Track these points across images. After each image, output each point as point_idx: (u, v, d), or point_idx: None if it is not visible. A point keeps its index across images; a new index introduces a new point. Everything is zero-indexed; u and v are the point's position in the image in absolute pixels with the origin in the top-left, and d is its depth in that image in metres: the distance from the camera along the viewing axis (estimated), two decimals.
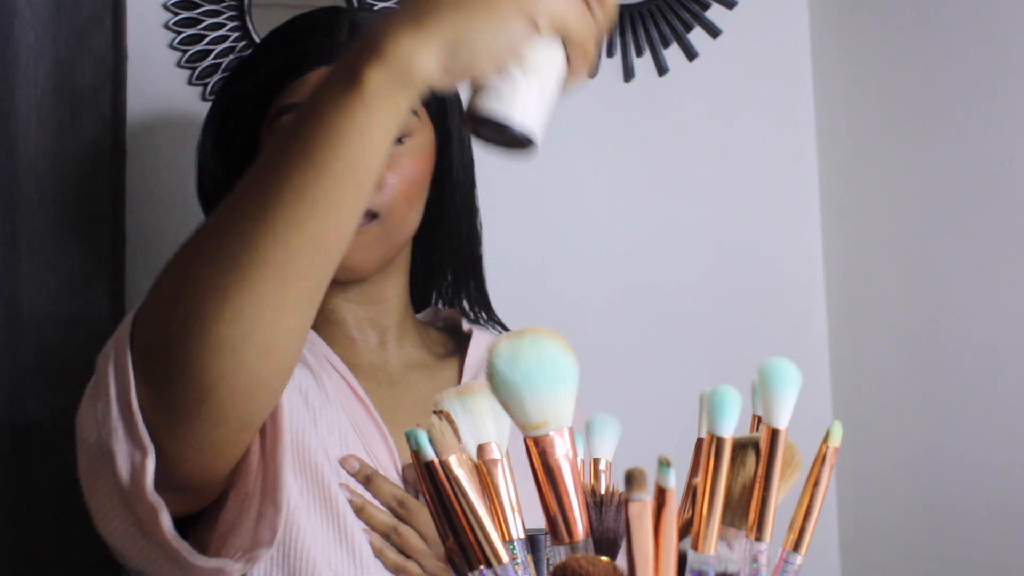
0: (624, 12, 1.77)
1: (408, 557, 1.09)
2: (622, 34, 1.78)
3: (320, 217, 0.80)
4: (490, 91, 0.80)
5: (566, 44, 0.82)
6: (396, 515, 1.10)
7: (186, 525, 0.98)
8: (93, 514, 0.96)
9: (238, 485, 0.98)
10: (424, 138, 1.19)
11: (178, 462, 0.89)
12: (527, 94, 0.81)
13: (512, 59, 0.80)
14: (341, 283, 1.17)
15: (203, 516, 1.01)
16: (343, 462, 1.10)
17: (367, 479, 1.10)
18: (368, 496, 1.10)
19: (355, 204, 0.81)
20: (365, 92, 0.77)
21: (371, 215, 1.14)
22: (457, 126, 1.23)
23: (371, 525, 1.09)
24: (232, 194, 0.83)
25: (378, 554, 1.09)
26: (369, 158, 0.80)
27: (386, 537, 1.09)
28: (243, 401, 0.85)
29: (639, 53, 1.79)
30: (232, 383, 0.83)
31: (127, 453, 0.88)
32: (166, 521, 0.90)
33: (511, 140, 0.82)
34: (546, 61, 0.81)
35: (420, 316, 1.31)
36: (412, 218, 1.19)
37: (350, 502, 1.09)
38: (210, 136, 1.22)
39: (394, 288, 1.23)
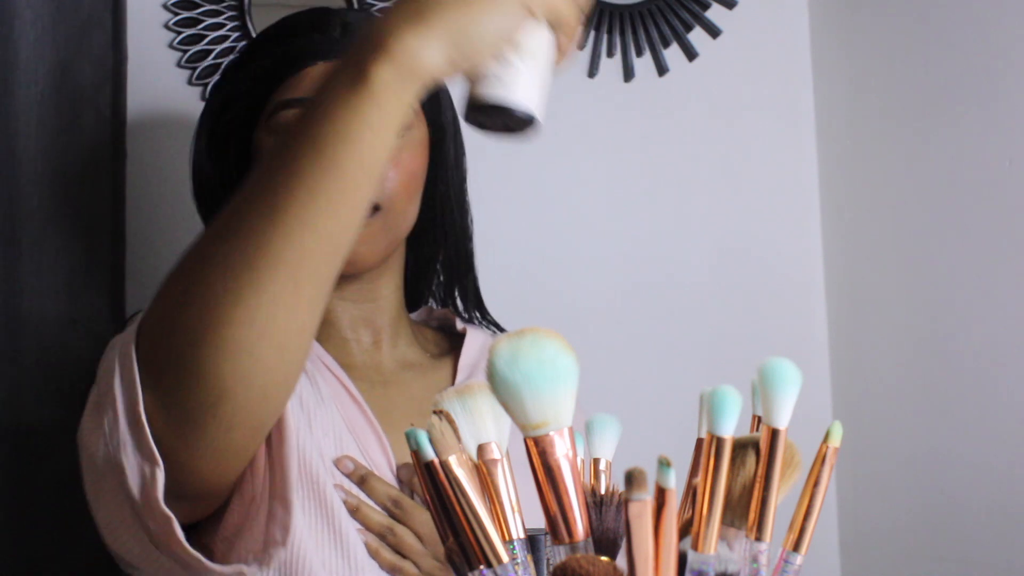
0: (624, 12, 1.78)
1: (404, 557, 1.09)
2: (622, 34, 1.78)
3: (332, 213, 0.80)
4: (490, 78, 0.83)
5: (554, 27, 0.85)
6: (391, 515, 1.10)
7: (187, 531, 0.98)
8: (101, 528, 0.96)
9: (243, 488, 0.98)
10: (420, 132, 1.19)
11: (190, 471, 0.89)
12: (526, 77, 0.84)
13: (510, 46, 0.82)
14: (341, 279, 1.17)
15: (204, 522, 1.01)
16: (337, 463, 1.10)
17: (362, 479, 1.10)
18: (363, 496, 1.10)
19: (364, 198, 0.82)
20: (374, 88, 0.79)
21: (374, 208, 1.14)
22: (450, 121, 1.24)
23: (366, 526, 1.09)
24: (239, 196, 0.83)
25: (374, 554, 1.08)
26: (378, 152, 0.81)
27: (382, 537, 1.09)
28: (258, 402, 0.85)
29: (639, 53, 1.79)
30: (248, 385, 0.83)
31: (137, 466, 0.88)
32: (179, 532, 0.90)
33: (514, 124, 0.85)
34: (538, 44, 0.84)
35: (414, 316, 1.31)
36: (411, 212, 1.19)
37: (345, 503, 1.09)
38: (203, 137, 1.22)
39: (388, 286, 1.23)
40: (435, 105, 1.22)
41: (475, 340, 1.27)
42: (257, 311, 0.80)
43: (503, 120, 0.84)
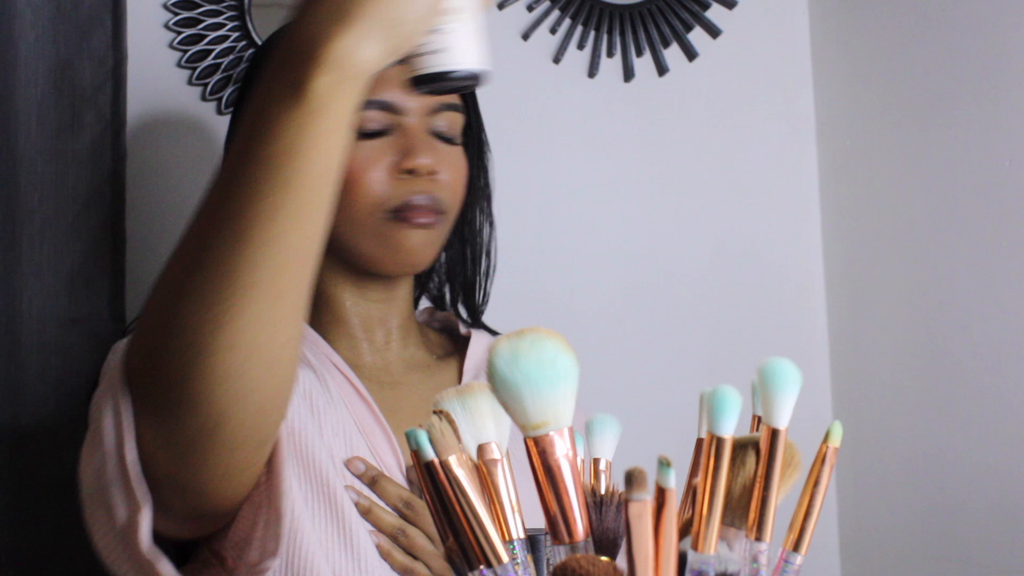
0: (624, 12, 1.78)
1: (415, 558, 1.09)
2: (622, 34, 1.78)
3: (297, 227, 0.78)
4: (424, 50, 0.82)
5: None
6: (403, 516, 1.10)
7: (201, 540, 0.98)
8: (98, 553, 0.95)
9: (252, 494, 0.98)
10: (459, 143, 1.21)
11: (201, 493, 0.88)
12: (459, 37, 0.82)
13: (437, 14, 0.80)
14: (368, 279, 1.17)
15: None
16: (348, 464, 1.10)
17: (373, 480, 1.10)
18: (374, 498, 1.10)
19: (325, 206, 0.80)
20: (315, 101, 0.75)
21: (439, 211, 1.16)
22: (485, 136, 1.25)
23: (378, 527, 1.09)
24: (198, 223, 0.82)
25: (385, 556, 1.08)
26: (332, 158, 0.78)
27: (393, 539, 1.09)
28: (256, 419, 0.85)
29: (639, 53, 1.79)
30: (243, 406, 0.82)
31: (123, 508, 0.88)
32: (165, 569, 0.89)
33: (460, 84, 0.84)
34: (460, 7, 0.83)
35: (416, 317, 1.31)
36: (456, 216, 1.21)
37: (356, 504, 1.08)
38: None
39: (405, 287, 1.23)
40: (472, 122, 1.23)
41: (481, 342, 1.27)
42: (239, 336, 0.79)
43: (448, 84, 0.83)
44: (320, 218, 0.80)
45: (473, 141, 1.25)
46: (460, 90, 0.86)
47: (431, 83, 0.83)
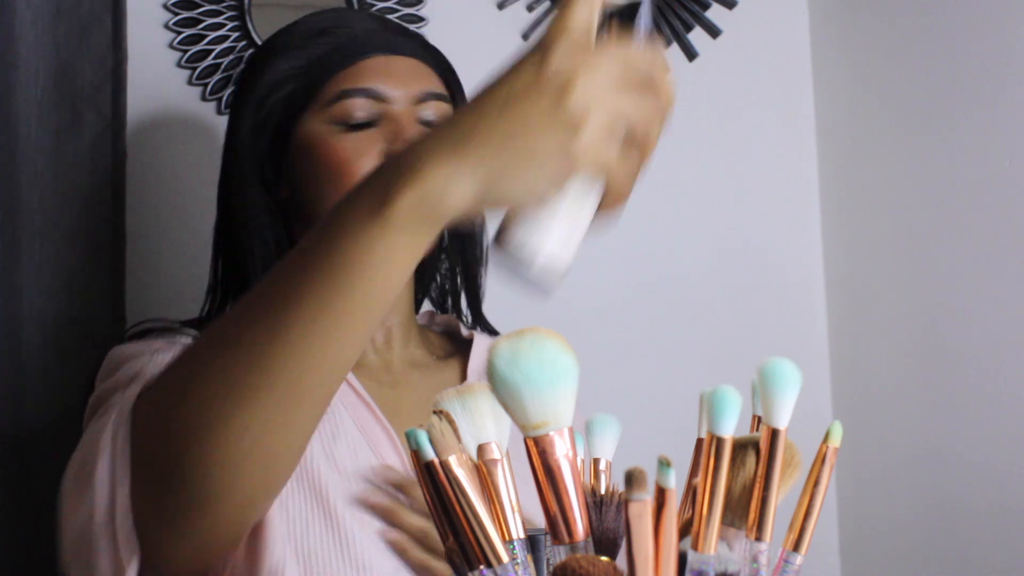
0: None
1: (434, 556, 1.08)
2: None
3: (331, 343, 0.75)
4: (519, 224, 0.74)
5: (604, 184, 0.76)
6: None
7: None
8: None
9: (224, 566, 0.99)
10: None
11: (173, 556, 0.89)
12: (556, 234, 0.75)
13: (546, 197, 0.74)
14: None
15: None
16: (379, 471, 1.09)
17: (400, 486, 1.09)
18: (401, 499, 1.09)
19: (366, 333, 0.77)
20: (394, 215, 0.72)
21: None
22: None
23: (405, 528, 1.07)
24: (244, 301, 0.80)
25: (402, 552, 1.07)
26: (388, 288, 0.75)
27: (419, 540, 1.07)
28: (242, 509, 0.85)
29: None
30: (232, 494, 0.82)
31: (107, 562, 0.88)
32: None
33: (530, 277, 0.76)
34: (579, 200, 0.76)
35: (417, 319, 1.31)
36: None
37: (378, 507, 1.08)
38: (244, 120, 1.19)
39: (407, 287, 1.23)
40: None
41: (483, 343, 1.27)
42: (246, 431, 0.78)
43: (518, 269, 0.75)
44: (353, 346, 0.77)
45: None
46: (527, 281, 0.77)
47: (504, 253, 0.75)
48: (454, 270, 1.32)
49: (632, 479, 0.62)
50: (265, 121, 1.18)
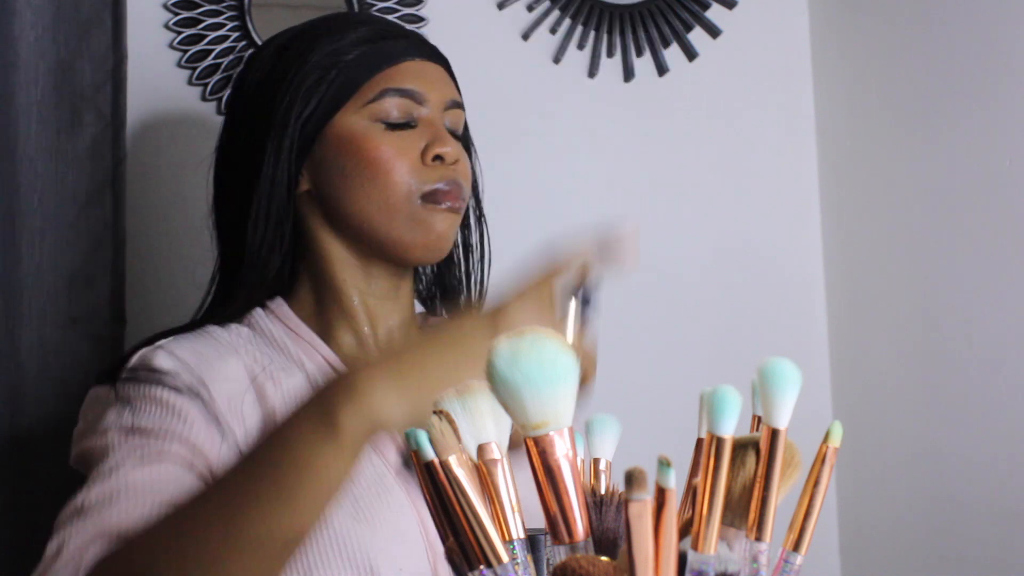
0: (624, 12, 1.77)
1: None
2: (622, 34, 1.78)
3: (279, 534, 0.84)
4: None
5: None
6: None
7: None
8: None
9: None
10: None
11: None
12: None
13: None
14: (379, 272, 1.18)
15: None
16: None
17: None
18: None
19: (311, 524, 0.85)
20: (340, 435, 0.83)
21: (463, 197, 1.18)
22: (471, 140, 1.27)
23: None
24: (201, 495, 0.88)
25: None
26: (331, 486, 0.84)
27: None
28: None
29: (639, 53, 1.79)
30: None
31: None
32: None
33: None
34: None
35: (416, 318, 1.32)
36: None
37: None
38: (258, 123, 1.18)
39: (408, 285, 1.24)
40: (466, 122, 1.25)
41: None
42: None
43: None
44: (299, 535, 0.85)
45: (467, 139, 1.26)
46: None
47: None
48: (449, 266, 1.32)
49: (632, 479, 0.61)
50: (310, 112, 1.16)
